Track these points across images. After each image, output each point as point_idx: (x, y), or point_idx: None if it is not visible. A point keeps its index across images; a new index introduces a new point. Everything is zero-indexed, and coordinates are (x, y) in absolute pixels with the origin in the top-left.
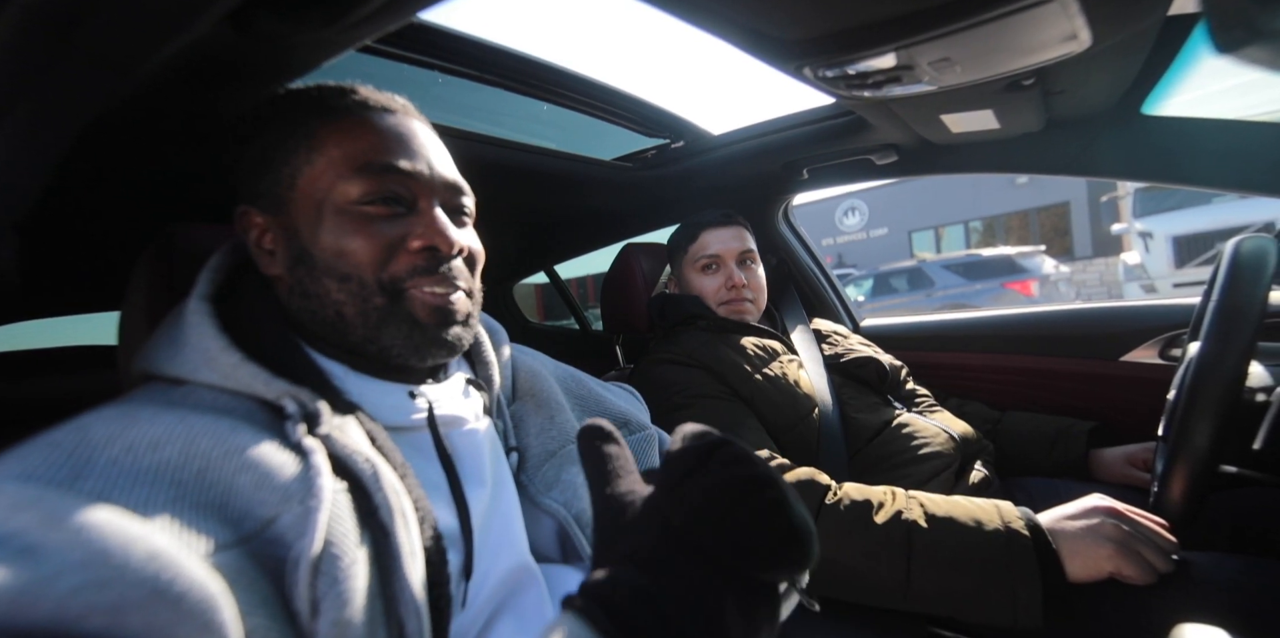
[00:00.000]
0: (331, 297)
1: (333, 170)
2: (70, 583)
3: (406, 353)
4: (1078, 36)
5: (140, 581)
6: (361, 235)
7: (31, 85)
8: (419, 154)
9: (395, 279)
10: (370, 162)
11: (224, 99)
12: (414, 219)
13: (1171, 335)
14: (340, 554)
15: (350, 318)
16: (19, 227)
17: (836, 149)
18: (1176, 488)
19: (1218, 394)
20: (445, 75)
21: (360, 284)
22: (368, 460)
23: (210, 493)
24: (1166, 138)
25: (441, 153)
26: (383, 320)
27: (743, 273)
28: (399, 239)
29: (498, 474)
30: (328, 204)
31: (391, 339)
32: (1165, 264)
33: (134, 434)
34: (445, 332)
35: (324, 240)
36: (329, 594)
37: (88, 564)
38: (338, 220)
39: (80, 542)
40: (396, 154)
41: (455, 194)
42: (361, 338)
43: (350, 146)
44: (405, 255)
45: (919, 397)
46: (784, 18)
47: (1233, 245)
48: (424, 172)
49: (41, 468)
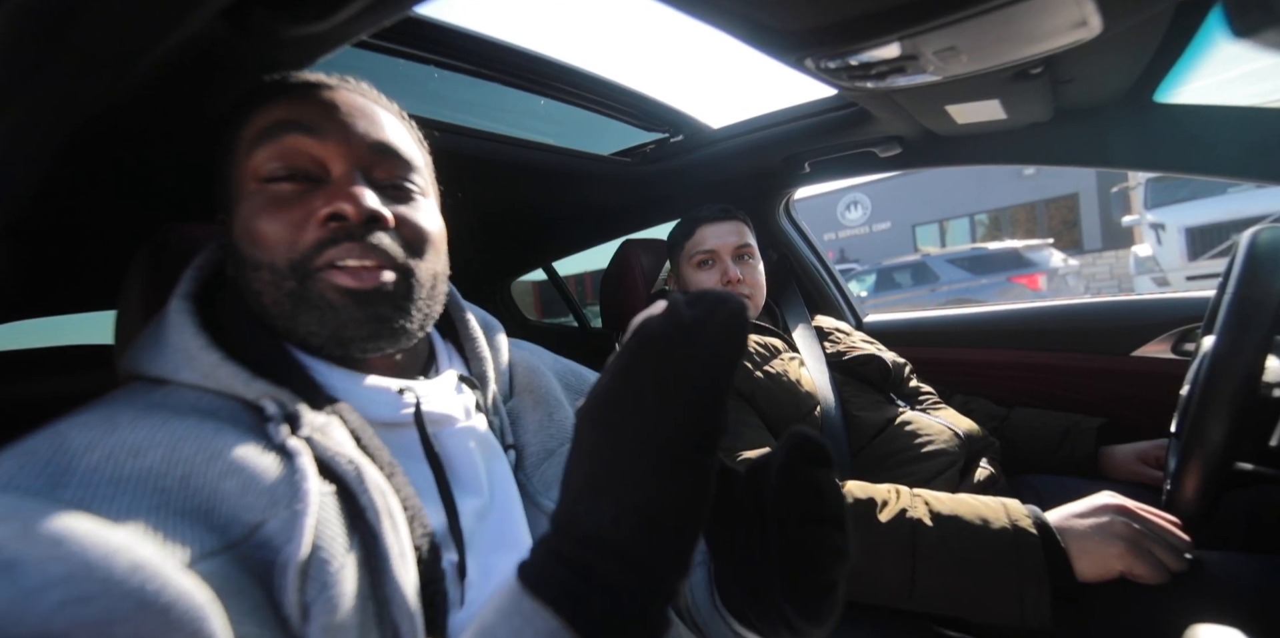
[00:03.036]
0: (252, 287)
1: (245, 150)
2: (54, 598)
3: (328, 343)
4: (1088, 23)
5: (126, 593)
6: (266, 216)
7: (25, 83)
8: (336, 117)
9: (305, 257)
10: (271, 125)
11: (219, 96)
12: (324, 189)
13: (1185, 330)
14: (328, 559)
15: (269, 307)
16: (14, 226)
17: (839, 142)
18: (1190, 485)
19: (1233, 390)
20: (441, 70)
21: (271, 270)
22: (350, 462)
23: (195, 500)
24: (1180, 126)
25: (375, 120)
26: (295, 307)
27: (739, 268)
28: (305, 216)
29: (494, 473)
30: (242, 189)
31: (307, 327)
32: (1178, 256)
33: (114, 441)
34: (365, 313)
35: (238, 229)
36: (318, 600)
37: (70, 579)
38: (247, 203)
39: (61, 555)
40: (303, 116)
41: (389, 164)
42: (283, 329)
43: (264, 120)
44: (311, 230)
45: (923, 394)
46: (785, 8)
47: (1249, 236)
48: (331, 131)
49: (18, 477)
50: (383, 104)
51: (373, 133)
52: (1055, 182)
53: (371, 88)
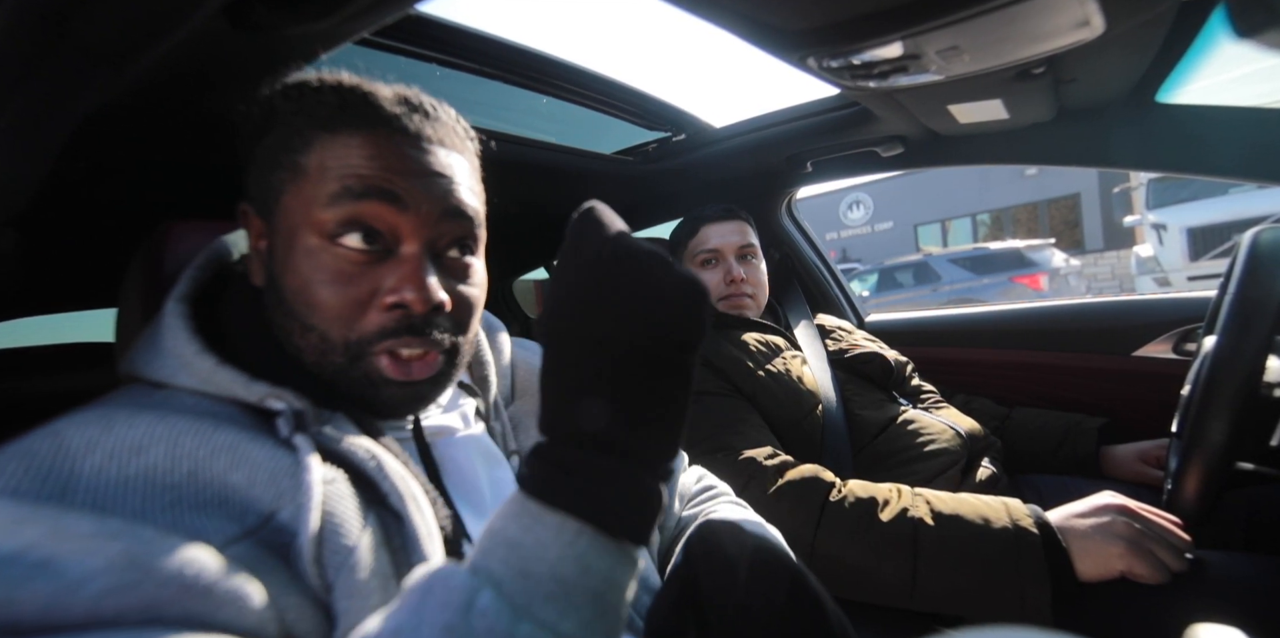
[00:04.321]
0: (293, 339)
1: (312, 190)
2: (96, 588)
3: (358, 408)
4: (1090, 23)
5: (167, 579)
6: (330, 287)
7: (26, 80)
8: (417, 183)
9: (361, 341)
10: (350, 184)
11: (220, 93)
12: (391, 265)
13: (1186, 330)
14: (339, 546)
15: (309, 363)
16: (14, 222)
17: (841, 141)
18: (1191, 485)
19: (1234, 390)
20: (443, 68)
21: (322, 339)
22: (367, 451)
23: (206, 493)
24: (1182, 127)
25: (455, 180)
26: (336, 378)
27: (742, 268)
28: (369, 294)
29: (497, 481)
30: (300, 235)
31: (345, 390)
32: (1179, 257)
33: (113, 439)
34: (406, 393)
35: (291, 279)
36: (336, 583)
37: (110, 569)
38: (308, 262)
39: (96, 549)
40: (387, 180)
41: (457, 228)
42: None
43: (338, 166)
44: (374, 314)
45: (925, 393)
46: (788, 7)
47: (1250, 237)
48: (412, 203)
49: (25, 482)
50: (459, 144)
51: (450, 198)
52: (1057, 181)
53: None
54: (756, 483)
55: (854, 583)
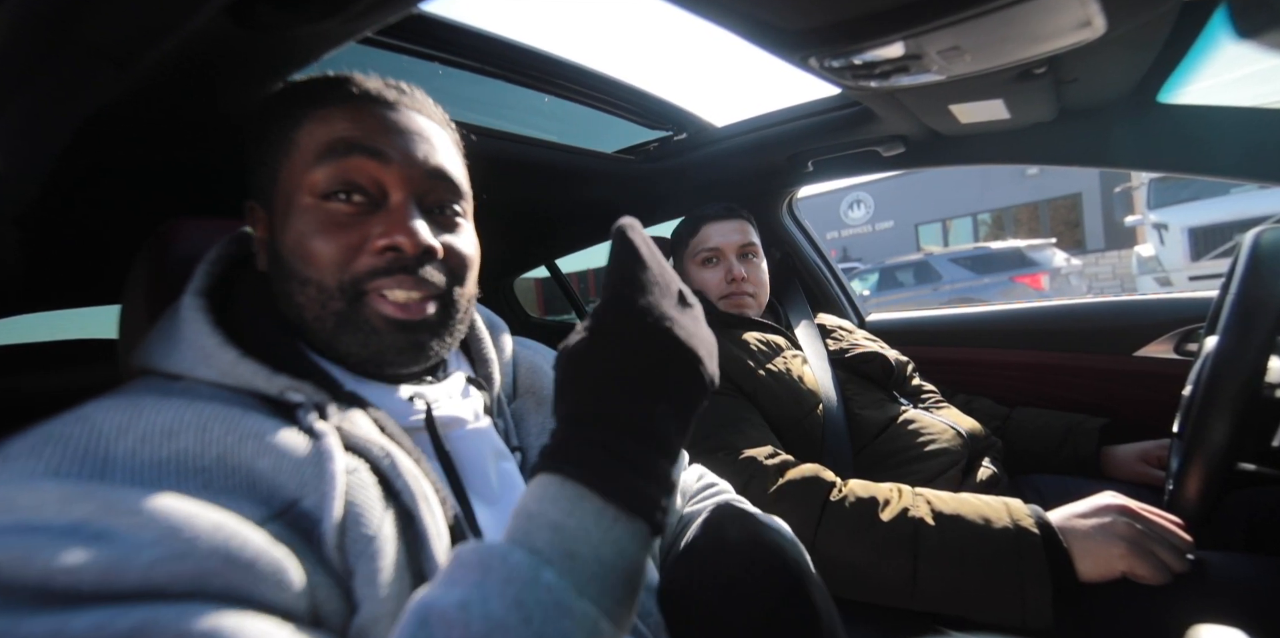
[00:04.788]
0: (294, 300)
1: (303, 159)
2: (149, 557)
3: (364, 361)
4: (1091, 23)
5: (212, 550)
6: (322, 236)
7: (30, 78)
8: (401, 141)
9: (356, 281)
10: (334, 143)
11: (224, 92)
12: (380, 216)
13: (1187, 330)
14: (361, 534)
15: (309, 323)
16: (19, 219)
17: (842, 141)
18: (1192, 486)
19: (1235, 390)
20: (446, 67)
21: (319, 288)
22: (382, 448)
23: (235, 478)
24: (1183, 127)
25: (434, 144)
26: (339, 326)
27: (743, 266)
28: (361, 239)
29: (503, 473)
30: (295, 199)
31: (347, 347)
32: (1181, 257)
33: (145, 424)
34: (407, 340)
35: (289, 240)
36: (357, 569)
37: (161, 540)
38: (302, 218)
39: (146, 522)
40: (368, 137)
41: (441, 189)
42: (322, 343)
43: (324, 133)
44: (366, 257)
45: (925, 393)
46: (789, 7)
47: (1252, 237)
48: (394, 156)
49: (65, 464)
50: (436, 118)
51: (431, 158)
52: (1058, 181)
53: (425, 97)
54: (757, 482)
55: (854, 583)
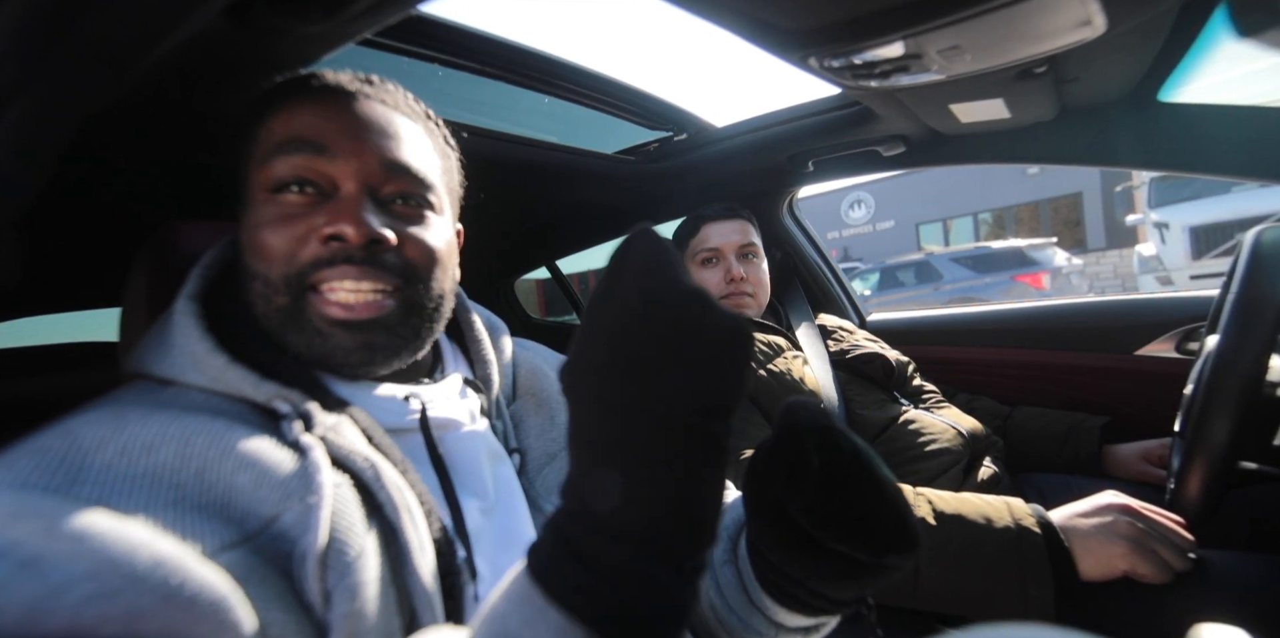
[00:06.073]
0: (248, 297)
1: (260, 155)
2: (80, 594)
3: (316, 364)
4: (1092, 22)
5: (150, 588)
6: (271, 228)
7: (30, 80)
8: (352, 134)
9: (300, 274)
10: (286, 139)
11: (224, 93)
12: (329, 207)
13: (1188, 329)
14: (346, 549)
15: (260, 318)
16: (18, 222)
17: (842, 141)
18: (1194, 485)
19: (1236, 389)
20: (446, 69)
21: (265, 282)
22: (366, 460)
23: (211, 494)
24: (1184, 125)
25: (394, 135)
26: (284, 324)
27: (743, 266)
28: (307, 231)
29: (499, 477)
30: (253, 193)
31: (295, 346)
32: (1182, 255)
33: (126, 437)
34: (355, 340)
35: (245, 236)
36: (338, 587)
37: (95, 574)
38: (257, 213)
39: (85, 551)
40: (318, 132)
41: (401, 181)
42: (277, 341)
43: (281, 129)
44: (312, 246)
45: (926, 392)
46: (789, 7)
47: (1253, 236)
48: (342, 149)
49: (34, 475)
50: (405, 110)
51: (388, 150)
52: (1059, 180)
53: (398, 90)
54: None
55: None
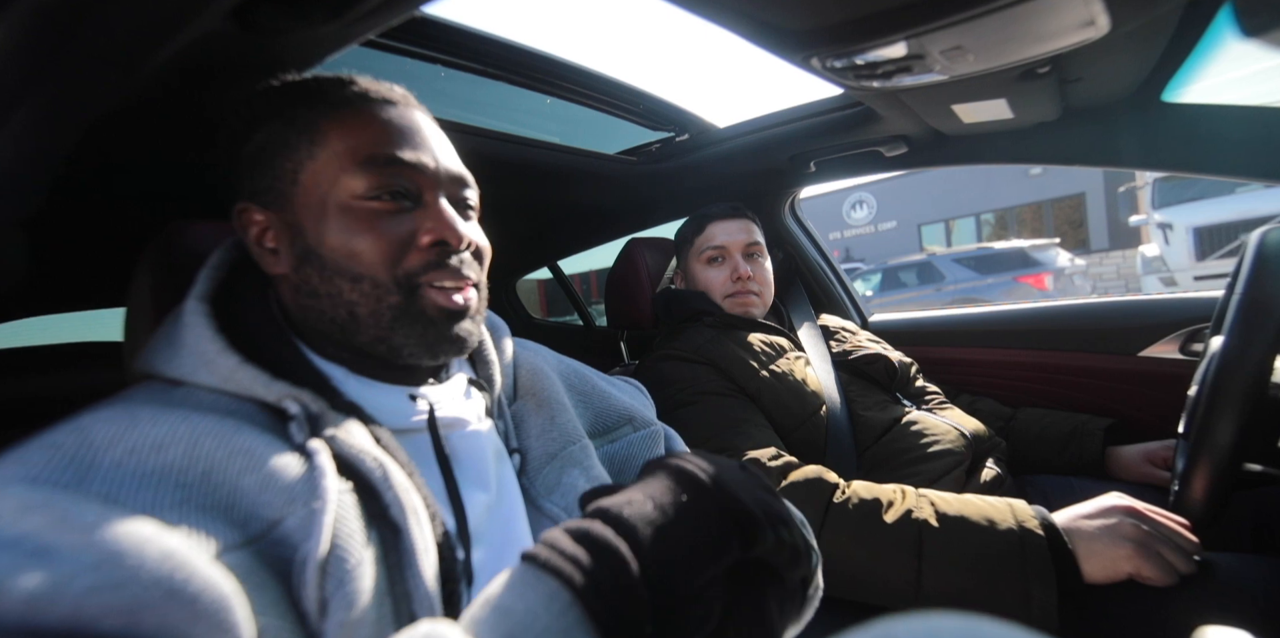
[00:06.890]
0: (344, 297)
1: (336, 164)
2: (85, 584)
3: (419, 351)
4: (1095, 22)
5: (155, 581)
6: (370, 234)
7: (37, 82)
8: (424, 146)
9: (410, 275)
10: (374, 155)
11: (228, 94)
12: (421, 213)
13: (1193, 330)
14: (346, 556)
15: (363, 318)
16: (25, 223)
17: (844, 141)
18: (1198, 487)
19: (1241, 390)
20: (448, 69)
21: (374, 284)
22: (375, 460)
23: (216, 495)
24: (1188, 126)
25: (445, 145)
26: (396, 319)
27: (749, 265)
28: (408, 235)
29: (501, 477)
30: (332, 200)
31: (404, 338)
32: (1185, 256)
33: (136, 436)
34: (457, 328)
35: (331, 239)
36: (336, 595)
37: (101, 565)
38: (344, 219)
39: (92, 543)
40: (401, 146)
41: (460, 186)
42: (372, 338)
43: (353, 140)
44: (416, 252)
45: (929, 394)
46: (791, 7)
47: (1258, 236)
48: (429, 164)
49: (46, 471)
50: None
51: (450, 159)
52: (1062, 181)
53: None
54: None
55: (857, 584)
